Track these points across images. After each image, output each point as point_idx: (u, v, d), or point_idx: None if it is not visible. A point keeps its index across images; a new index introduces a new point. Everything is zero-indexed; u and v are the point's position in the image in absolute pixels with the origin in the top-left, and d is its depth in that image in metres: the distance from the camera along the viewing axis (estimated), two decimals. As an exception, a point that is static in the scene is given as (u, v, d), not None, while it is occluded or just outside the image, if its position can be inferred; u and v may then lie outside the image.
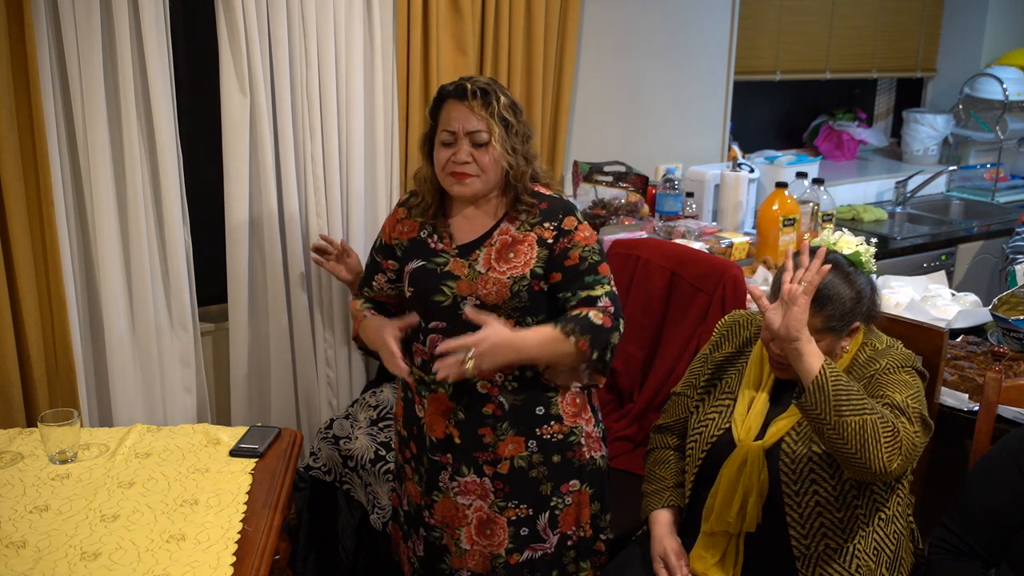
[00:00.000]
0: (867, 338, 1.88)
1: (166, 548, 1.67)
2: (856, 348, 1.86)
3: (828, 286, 1.77)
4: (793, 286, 1.69)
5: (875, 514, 1.81)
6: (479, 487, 2.01)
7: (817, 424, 1.66)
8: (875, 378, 1.79)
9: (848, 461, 1.66)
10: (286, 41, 2.48)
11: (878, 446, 1.62)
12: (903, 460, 1.65)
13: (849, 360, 1.85)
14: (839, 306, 1.79)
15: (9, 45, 2.09)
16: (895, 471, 1.65)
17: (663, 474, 2.05)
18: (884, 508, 1.82)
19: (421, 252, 2.01)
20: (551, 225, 1.95)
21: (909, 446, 1.66)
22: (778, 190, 3.21)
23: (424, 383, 2.02)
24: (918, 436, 1.69)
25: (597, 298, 1.94)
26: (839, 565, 1.80)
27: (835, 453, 1.68)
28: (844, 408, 1.63)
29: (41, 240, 2.22)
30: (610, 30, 3.26)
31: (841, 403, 1.63)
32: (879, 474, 1.64)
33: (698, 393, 2.03)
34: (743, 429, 1.87)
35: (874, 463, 1.62)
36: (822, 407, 1.63)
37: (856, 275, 1.83)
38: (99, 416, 2.47)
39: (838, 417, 1.62)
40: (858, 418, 1.62)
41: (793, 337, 1.67)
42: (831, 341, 1.81)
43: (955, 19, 4.61)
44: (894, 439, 1.64)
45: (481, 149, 1.90)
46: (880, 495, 1.81)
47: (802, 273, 1.70)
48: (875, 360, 1.82)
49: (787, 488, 1.80)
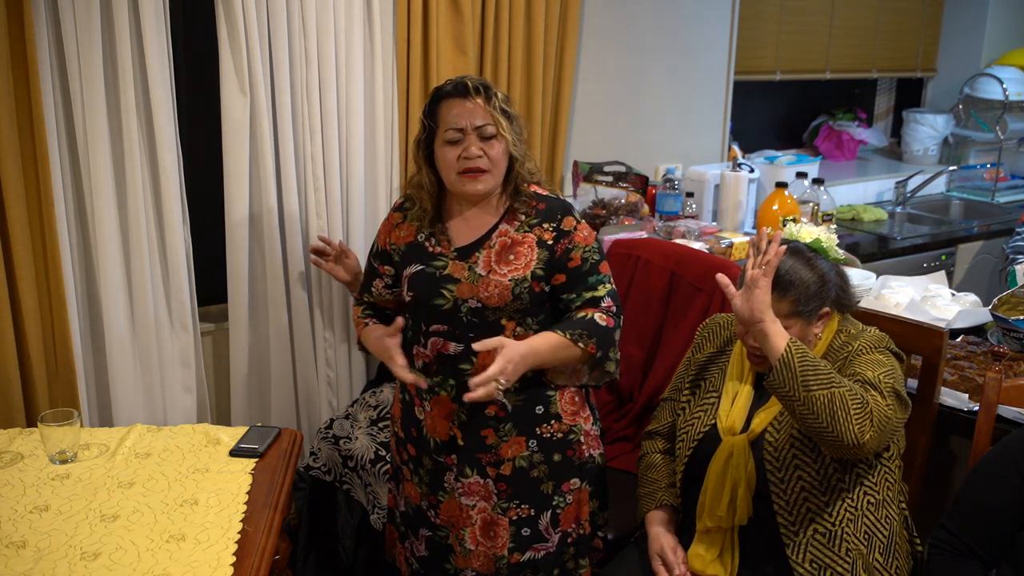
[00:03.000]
0: (842, 326, 1.92)
1: (166, 548, 1.67)
2: (831, 336, 1.90)
3: (790, 272, 1.83)
4: (754, 271, 1.76)
5: (863, 497, 1.83)
6: (483, 488, 2.02)
7: (787, 402, 1.71)
8: (848, 359, 1.83)
9: (821, 436, 1.70)
10: (286, 41, 2.48)
11: (848, 418, 1.66)
12: (875, 431, 1.68)
13: (824, 347, 1.89)
14: (803, 290, 1.83)
15: (9, 45, 2.09)
16: (869, 442, 1.68)
17: (655, 476, 2.07)
18: (872, 491, 1.84)
19: (419, 256, 2.00)
20: (550, 226, 1.96)
21: (881, 418, 1.69)
22: (778, 190, 3.21)
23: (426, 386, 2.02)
24: (891, 409, 1.72)
25: (600, 298, 1.97)
26: (828, 549, 1.81)
27: (808, 430, 1.72)
28: (811, 383, 1.67)
29: (41, 240, 2.22)
30: (610, 30, 3.26)
31: (808, 378, 1.67)
32: (853, 446, 1.68)
33: (684, 396, 2.06)
34: (728, 423, 1.90)
35: (845, 435, 1.66)
36: (790, 384, 1.68)
37: (817, 260, 1.88)
38: (99, 416, 2.47)
39: (806, 392, 1.67)
40: (826, 391, 1.67)
41: (757, 319, 1.74)
42: (801, 326, 1.85)
43: (955, 19, 4.61)
44: (863, 409, 1.67)
45: (489, 142, 1.91)
46: (866, 476, 1.83)
47: (761, 258, 1.77)
48: (849, 343, 1.87)
49: (772, 476, 1.82)
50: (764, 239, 1.79)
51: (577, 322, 1.93)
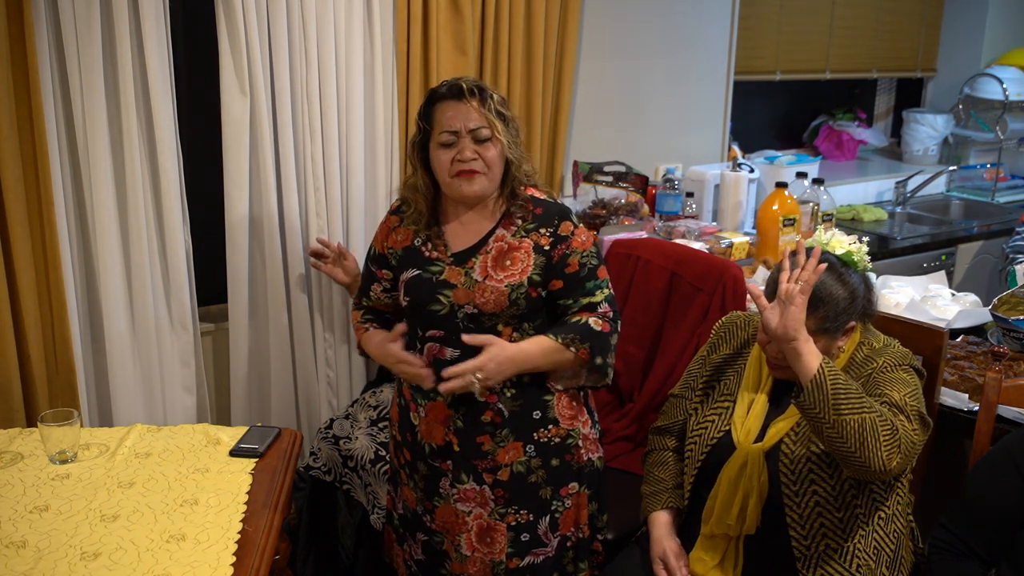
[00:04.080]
0: (864, 337, 1.88)
1: (166, 548, 1.67)
2: (853, 347, 1.86)
3: (821, 287, 1.77)
4: (790, 285, 1.69)
5: (875, 513, 1.81)
6: (479, 495, 2.00)
7: (816, 423, 1.66)
8: (873, 376, 1.79)
9: (847, 460, 1.66)
10: (286, 41, 2.48)
11: (877, 444, 1.62)
12: (902, 458, 1.65)
13: (846, 359, 1.85)
14: (832, 307, 1.79)
15: (9, 45, 2.09)
16: (894, 469, 1.65)
17: (662, 475, 2.05)
18: (884, 507, 1.82)
19: (416, 261, 1.99)
20: (547, 231, 1.94)
21: (908, 444, 1.66)
22: (778, 190, 3.21)
23: (421, 391, 2.01)
24: (916, 434, 1.69)
25: (598, 304, 1.95)
26: (839, 565, 1.80)
27: (834, 452, 1.68)
28: (843, 407, 1.63)
29: (41, 240, 2.22)
30: (610, 30, 3.26)
31: (840, 402, 1.63)
32: (878, 472, 1.64)
33: (696, 395, 2.03)
34: (743, 431, 1.87)
35: (873, 462, 1.63)
36: (821, 406, 1.64)
37: (849, 274, 1.83)
38: (99, 416, 2.47)
39: (837, 416, 1.63)
40: (857, 417, 1.62)
41: (791, 337, 1.68)
42: (827, 342, 1.81)
43: (955, 19, 4.60)
44: (893, 437, 1.64)
45: (484, 145, 1.90)
46: (879, 494, 1.81)
47: (799, 272, 1.71)
48: (872, 359, 1.82)
49: (787, 489, 1.80)
50: (802, 252, 1.73)
51: (571, 327, 1.92)
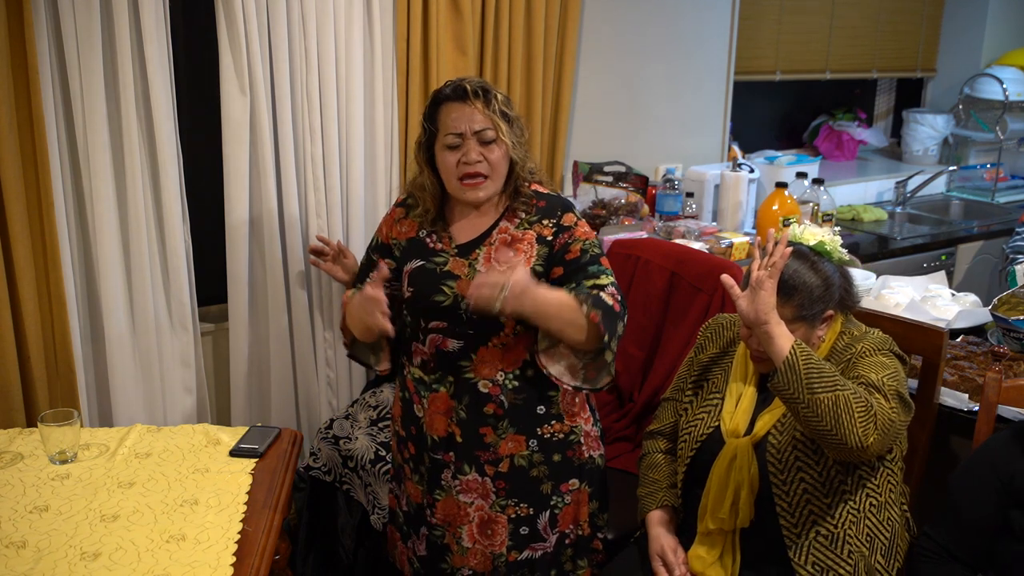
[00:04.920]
0: (845, 327, 1.91)
1: (166, 548, 1.67)
2: (834, 337, 1.89)
3: (795, 276, 1.81)
4: (760, 272, 1.74)
5: (865, 499, 1.83)
6: (480, 486, 2.02)
7: (792, 404, 1.70)
8: (852, 361, 1.83)
9: (825, 439, 1.69)
10: (286, 41, 2.48)
11: (852, 421, 1.65)
12: (879, 435, 1.68)
13: (828, 349, 1.88)
14: (807, 294, 1.82)
15: (9, 45, 2.09)
16: (872, 446, 1.67)
17: (655, 477, 2.06)
18: (875, 494, 1.83)
19: (420, 252, 2.01)
20: (550, 222, 1.96)
21: (885, 421, 1.69)
22: (778, 190, 3.21)
23: (424, 383, 2.02)
24: (895, 412, 1.72)
25: (604, 286, 1.91)
26: (831, 551, 1.81)
27: (811, 432, 1.71)
28: (816, 386, 1.66)
29: (41, 240, 2.22)
30: (610, 30, 3.26)
31: (813, 381, 1.67)
32: (856, 450, 1.67)
33: (686, 396, 2.06)
34: (731, 425, 1.90)
35: (849, 439, 1.65)
36: (794, 386, 1.67)
37: (822, 263, 1.86)
38: (99, 416, 2.47)
39: (810, 395, 1.66)
40: (830, 394, 1.66)
41: (763, 320, 1.73)
42: (805, 330, 1.84)
43: (955, 19, 4.61)
44: (867, 413, 1.67)
45: (489, 147, 1.91)
46: (868, 479, 1.82)
47: (767, 260, 1.75)
48: (852, 346, 1.86)
49: (774, 478, 1.82)
50: (771, 240, 1.78)
51: (585, 290, 1.88)
